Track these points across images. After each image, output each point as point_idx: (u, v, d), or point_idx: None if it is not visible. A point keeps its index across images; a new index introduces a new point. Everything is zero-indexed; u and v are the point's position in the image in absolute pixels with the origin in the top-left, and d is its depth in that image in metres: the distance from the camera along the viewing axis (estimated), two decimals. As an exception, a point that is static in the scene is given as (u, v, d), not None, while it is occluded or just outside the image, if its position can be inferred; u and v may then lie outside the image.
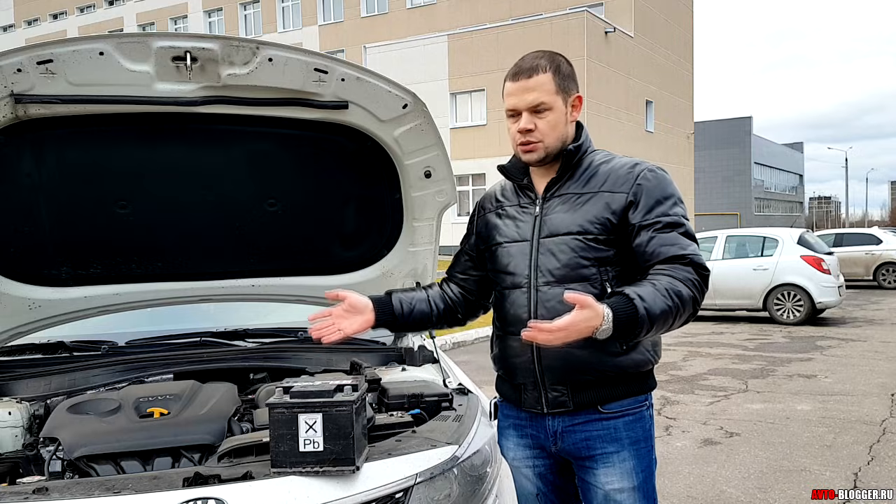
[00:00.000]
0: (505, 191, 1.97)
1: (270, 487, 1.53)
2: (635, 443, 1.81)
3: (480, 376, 2.08)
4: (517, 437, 1.96)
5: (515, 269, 1.83)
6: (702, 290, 1.65)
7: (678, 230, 1.71)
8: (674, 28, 31.43)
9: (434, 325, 2.06)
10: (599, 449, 1.80)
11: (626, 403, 1.81)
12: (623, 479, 1.79)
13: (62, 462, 1.77)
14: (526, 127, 1.77)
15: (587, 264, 1.74)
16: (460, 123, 26.21)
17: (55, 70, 1.82)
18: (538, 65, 1.77)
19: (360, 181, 2.38)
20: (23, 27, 45.25)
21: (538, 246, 1.80)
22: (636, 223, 1.72)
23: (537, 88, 1.75)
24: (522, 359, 1.83)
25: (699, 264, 1.67)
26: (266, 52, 1.93)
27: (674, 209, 1.73)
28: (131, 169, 2.17)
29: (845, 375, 7.19)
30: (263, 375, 2.42)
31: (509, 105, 1.80)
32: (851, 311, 12.72)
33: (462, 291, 2.05)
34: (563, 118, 1.80)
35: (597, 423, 1.80)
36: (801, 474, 4.34)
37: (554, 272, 1.76)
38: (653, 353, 1.82)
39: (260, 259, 2.48)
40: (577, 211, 1.77)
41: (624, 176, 1.77)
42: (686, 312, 1.62)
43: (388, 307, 1.93)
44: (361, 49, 29.91)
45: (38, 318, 2.32)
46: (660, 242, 1.68)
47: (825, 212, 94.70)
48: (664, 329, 1.62)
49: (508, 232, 1.88)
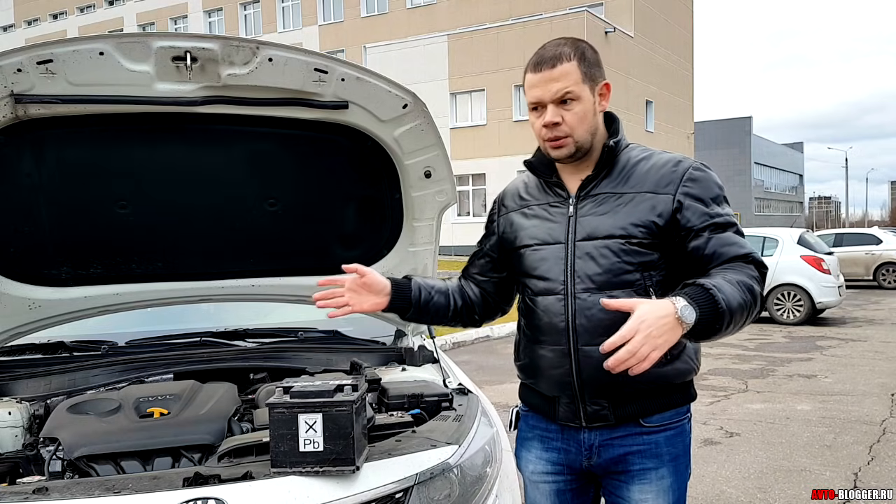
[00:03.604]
0: (529, 187, 1.82)
1: (270, 487, 1.53)
2: (675, 459, 1.70)
3: (480, 376, 2.08)
4: (541, 449, 1.81)
5: (549, 273, 1.69)
6: (763, 287, 1.56)
7: (732, 230, 1.61)
8: (674, 28, 31.42)
9: (448, 321, 1.89)
10: (638, 465, 1.68)
11: (668, 416, 1.69)
12: (658, 497, 1.68)
13: (62, 462, 1.77)
14: (553, 120, 1.62)
15: (631, 269, 1.61)
16: (460, 123, 26.20)
17: (55, 70, 1.82)
18: (562, 53, 1.62)
19: (360, 181, 2.38)
20: (23, 27, 45.24)
21: (574, 250, 1.66)
22: (691, 226, 1.60)
23: (562, 78, 1.61)
24: (560, 370, 1.68)
25: (760, 262, 1.58)
26: (266, 52, 1.92)
27: (725, 209, 1.65)
28: (131, 169, 2.17)
29: (845, 375, 7.19)
30: (263, 375, 2.43)
31: (532, 98, 1.65)
32: (851, 311, 12.72)
33: (482, 292, 1.91)
34: (592, 108, 1.65)
35: (637, 437, 1.68)
36: (801, 474, 4.33)
37: (594, 278, 1.62)
38: (695, 360, 1.71)
39: (260, 259, 2.48)
40: (618, 212, 1.64)
41: (668, 175, 1.64)
42: (755, 309, 1.51)
43: (405, 293, 1.78)
44: (361, 49, 29.91)
45: (38, 318, 2.32)
46: (719, 243, 1.58)
47: (825, 212, 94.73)
48: (738, 325, 1.48)
49: (538, 233, 1.73)
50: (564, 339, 1.65)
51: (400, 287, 1.77)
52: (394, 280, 1.78)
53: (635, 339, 1.32)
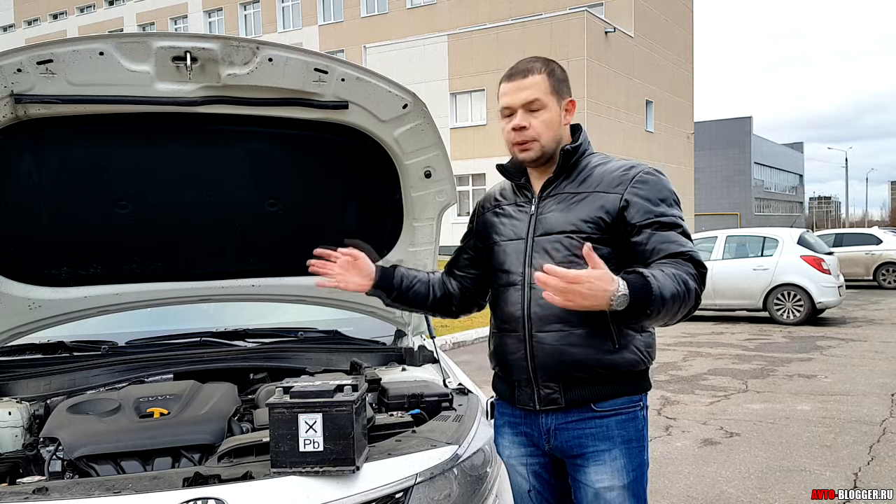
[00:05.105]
0: (504, 190, 2.00)
1: (270, 487, 1.53)
2: (627, 441, 1.82)
3: (480, 376, 2.07)
4: (512, 434, 1.96)
5: (510, 267, 1.87)
6: (701, 285, 1.68)
7: (676, 230, 1.74)
8: (674, 28, 31.42)
9: (427, 310, 2.10)
10: (591, 447, 1.81)
11: (620, 402, 1.82)
12: (613, 478, 1.80)
13: (62, 462, 1.77)
14: (520, 124, 1.80)
15: (581, 262, 1.71)
16: (460, 123, 26.20)
17: (55, 70, 1.82)
18: (533, 66, 1.83)
19: (360, 181, 2.38)
20: (23, 27, 45.25)
21: (533, 244, 1.82)
22: (635, 223, 1.74)
23: (532, 87, 1.80)
24: (517, 355, 1.84)
25: (698, 261, 1.70)
26: (266, 52, 1.93)
27: (671, 210, 1.77)
28: (131, 169, 2.17)
29: (845, 375, 7.19)
30: (263, 375, 2.43)
31: (504, 104, 1.84)
32: (851, 311, 12.72)
33: (460, 287, 2.08)
34: (558, 119, 1.84)
35: (589, 421, 1.81)
36: (801, 474, 4.34)
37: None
38: (646, 354, 1.83)
39: (260, 259, 2.48)
40: (571, 210, 1.80)
41: (619, 177, 1.79)
42: (689, 303, 1.64)
43: (388, 277, 1.97)
44: (361, 49, 29.92)
45: (38, 318, 2.32)
46: (660, 240, 1.71)
47: (825, 212, 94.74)
48: (669, 316, 1.62)
49: (505, 231, 1.91)
50: (521, 326, 1.83)
51: (385, 273, 1.97)
52: (380, 267, 1.98)
53: (573, 287, 1.49)
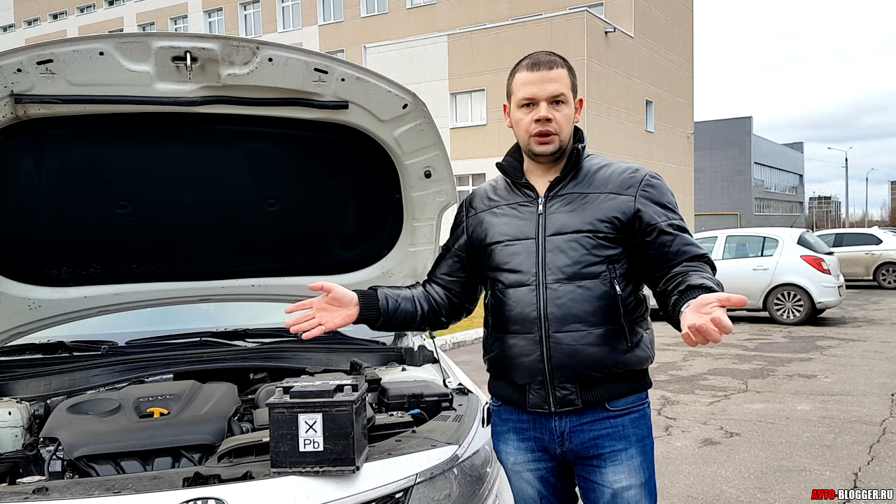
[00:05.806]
0: (497, 190, 1.95)
1: (270, 487, 1.53)
2: (641, 440, 1.83)
3: (480, 376, 2.07)
4: (518, 440, 1.89)
5: (520, 266, 1.81)
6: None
7: (687, 233, 1.80)
8: (674, 28, 31.40)
9: (416, 327, 1.98)
10: (608, 447, 1.80)
11: (631, 400, 1.83)
12: (631, 477, 1.80)
13: (62, 462, 1.77)
14: (547, 115, 1.77)
15: (597, 261, 1.76)
16: (460, 123, 26.18)
17: (55, 70, 1.82)
18: (556, 60, 1.81)
19: (360, 181, 2.38)
20: (23, 27, 45.23)
21: (545, 244, 1.80)
22: (655, 223, 1.77)
23: (558, 80, 1.79)
24: (531, 357, 1.78)
25: (713, 263, 1.76)
26: (266, 52, 1.93)
27: (677, 214, 1.83)
28: (131, 169, 2.17)
29: (845, 375, 7.19)
30: (263, 375, 2.43)
31: (527, 94, 1.79)
32: (851, 311, 12.72)
33: (447, 294, 1.99)
34: (573, 116, 1.84)
35: (605, 421, 1.80)
36: (801, 474, 4.34)
37: (564, 269, 1.76)
38: (651, 349, 1.86)
39: (260, 259, 2.48)
40: (584, 210, 1.79)
41: (627, 179, 1.82)
42: None
43: (373, 303, 1.85)
44: (361, 49, 29.89)
45: (38, 318, 2.32)
46: (682, 242, 1.76)
47: (825, 212, 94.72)
48: None
49: (509, 230, 1.86)
50: (536, 328, 1.78)
51: (367, 298, 1.85)
52: (360, 292, 1.86)
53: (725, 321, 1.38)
